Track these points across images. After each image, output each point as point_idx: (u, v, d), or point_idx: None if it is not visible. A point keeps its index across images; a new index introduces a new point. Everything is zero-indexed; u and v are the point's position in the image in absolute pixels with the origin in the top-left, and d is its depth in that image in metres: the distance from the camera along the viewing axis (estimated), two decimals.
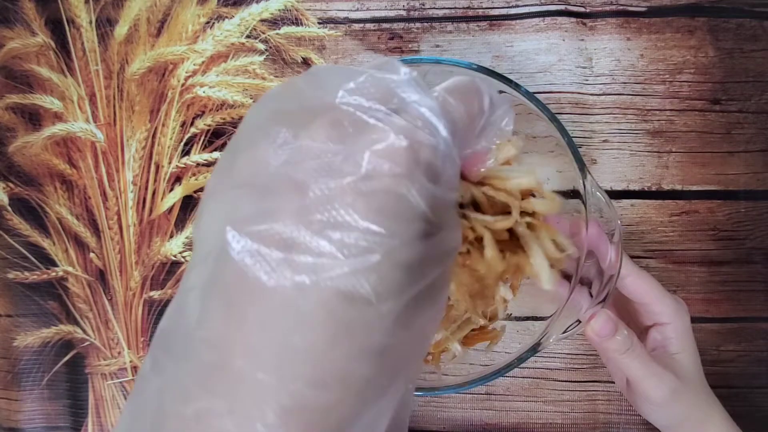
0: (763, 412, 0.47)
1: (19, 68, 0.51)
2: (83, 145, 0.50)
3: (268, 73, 0.50)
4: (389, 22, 0.49)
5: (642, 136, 0.48)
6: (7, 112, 0.51)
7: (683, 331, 0.39)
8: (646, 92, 0.48)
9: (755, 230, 0.48)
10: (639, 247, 0.48)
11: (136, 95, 0.50)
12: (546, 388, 0.48)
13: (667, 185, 0.48)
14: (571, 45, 0.48)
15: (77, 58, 0.50)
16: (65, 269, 0.50)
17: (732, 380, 0.47)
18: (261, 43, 0.50)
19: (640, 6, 0.49)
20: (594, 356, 0.48)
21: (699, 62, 0.48)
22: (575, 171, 0.36)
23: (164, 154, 0.50)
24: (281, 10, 0.50)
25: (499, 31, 0.49)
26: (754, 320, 0.48)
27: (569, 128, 0.41)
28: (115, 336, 0.50)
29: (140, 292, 0.50)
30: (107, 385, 0.50)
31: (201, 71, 0.50)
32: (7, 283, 0.50)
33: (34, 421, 0.50)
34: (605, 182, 0.48)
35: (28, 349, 0.50)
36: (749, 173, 0.48)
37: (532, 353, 0.37)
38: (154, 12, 0.50)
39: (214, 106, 0.50)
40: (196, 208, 0.50)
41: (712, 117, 0.48)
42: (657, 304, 0.39)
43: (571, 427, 0.48)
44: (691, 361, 0.39)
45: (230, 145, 0.21)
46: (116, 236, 0.50)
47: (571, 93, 0.48)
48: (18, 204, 0.50)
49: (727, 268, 0.48)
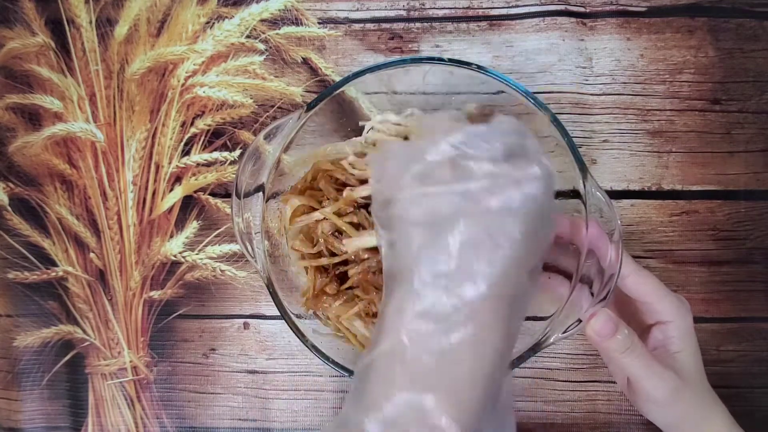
0: (763, 412, 0.48)
1: (19, 68, 0.51)
2: (83, 145, 0.50)
3: (268, 73, 0.50)
4: (389, 22, 0.49)
5: (642, 136, 0.48)
6: (7, 112, 0.51)
7: (685, 330, 0.39)
8: (646, 92, 0.48)
9: (755, 230, 0.48)
10: (639, 247, 0.48)
11: (136, 95, 0.50)
12: (546, 388, 0.48)
13: (667, 185, 0.48)
14: (571, 45, 0.48)
15: (77, 58, 0.51)
16: (65, 269, 0.50)
17: (732, 380, 0.47)
18: (261, 43, 0.50)
19: (640, 6, 0.49)
20: (594, 356, 0.48)
21: (699, 62, 0.48)
22: (575, 171, 0.36)
23: (164, 154, 0.50)
24: (281, 10, 0.50)
25: (499, 31, 0.49)
26: (754, 320, 0.48)
27: (569, 128, 0.41)
28: (115, 336, 0.50)
29: (140, 292, 0.50)
30: (107, 385, 0.50)
31: (201, 71, 0.50)
32: (7, 283, 0.50)
33: (34, 421, 0.50)
34: (605, 182, 0.48)
35: (28, 349, 0.50)
36: (749, 173, 0.48)
37: (532, 353, 0.37)
38: (154, 12, 0.50)
39: (214, 106, 0.50)
40: (196, 207, 0.50)
41: (712, 117, 0.48)
42: (659, 303, 0.39)
43: (571, 427, 0.48)
44: (692, 360, 0.39)
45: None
46: (116, 236, 0.50)
47: (571, 93, 0.48)
48: (18, 204, 0.50)
49: (727, 268, 0.48)
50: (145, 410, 0.49)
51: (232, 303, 0.50)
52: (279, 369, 0.49)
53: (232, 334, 0.49)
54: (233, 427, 0.49)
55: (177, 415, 0.49)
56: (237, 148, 0.50)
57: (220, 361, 0.50)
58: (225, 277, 0.50)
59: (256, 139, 0.38)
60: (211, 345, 0.50)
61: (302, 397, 0.49)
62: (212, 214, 0.50)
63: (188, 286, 0.50)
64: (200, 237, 0.50)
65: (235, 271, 0.50)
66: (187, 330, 0.50)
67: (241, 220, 0.39)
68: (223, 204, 0.50)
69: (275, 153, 0.39)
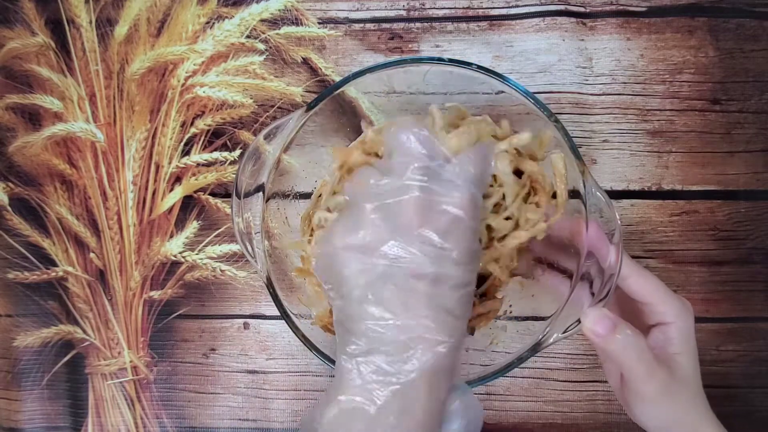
0: (763, 412, 0.48)
1: (19, 68, 0.51)
2: (83, 145, 0.50)
3: (268, 73, 0.50)
4: (389, 22, 0.49)
5: (642, 136, 0.48)
6: (7, 112, 0.51)
7: (686, 332, 0.39)
8: (646, 92, 0.48)
9: (755, 230, 0.48)
10: (639, 247, 0.48)
11: (136, 95, 0.50)
12: (546, 388, 0.48)
13: (667, 185, 0.48)
14: (571, 45, 0.48)
15: (77, 58, 0.51)
16: (65, 269, 0.50)
17: (732, 380, 0.47)
18: (261, 43, 0.50)
19: (640, 6, 0.49)
20: (594, 356, 0.48)
21: (699, 62, 0.48)
22: (575, 171, 0.36)
23: (164, 154, 0.50)
24: (281, 10, 0.50)
25: (499, 31, 0.49)
26: (754, 320, 0.48)
27: (569, 128, 0.41)
28: (115, 336, 0.50)
29: (140, 292, 0.50)
30: (107, 385, 0.50)
31: (201, 71, 0.50)
32: (7, 283, 0.50)
33: (34, 421, 0.50)
34: (605, 182, 0.48)
35: (28, 349, 0.50)
36: (749, 173, 0.48)
37: (532, 353, 0.37)
38: (154, 12, 0.50)
39: (214, 106, 0.50)
40: (196, 207, 0.50)
41: (712, 117, 0.48)
42: (661, 304, 0.39)
43: (571, 427, 0.48)
44: (689, 363, 0.39)
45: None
46: (116, 236, 0.50)
47: (571, 93, 0.48)
48: (18, 204, 0.50)
49: (727, 268, 0.48)
50: (145, 410, 0.49)
51: (232, 303, 0.50)
52: (279, 369, 0.49)
53: (232, 334, 0.49)
54: (233, 427, 0.49)
55: (177, 415, 0.49)
56: (237, 148, 0.50)
57: (220, 361, 0.50)
58: (225, 277, 0.50)
59: (256, 139, 0.38)
60: (211, 345, 0.50)
61: (302, 397, 0.49)
62: (212, 214, 0.50)
63: (188, 286, 0.50)
64: (200, 237, 0.50)
65: (235, 271, 0.50)
66: (187, 330, 0.50)
67: (241, 220, 0.39)
68: (223, 204, 0.50)
69: (275, 153, 0.39)
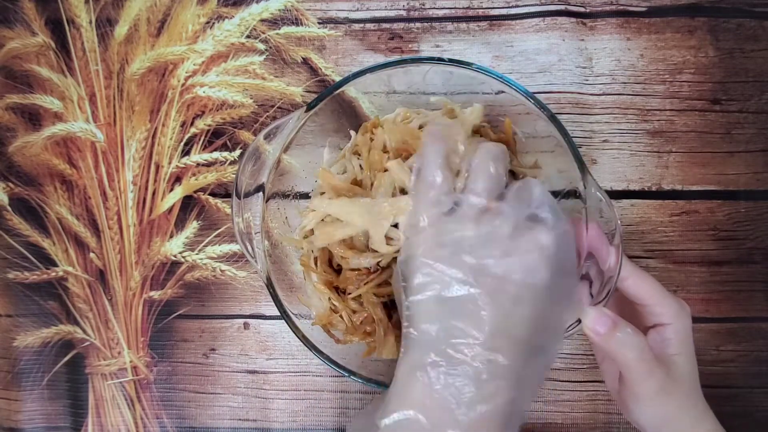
0: (763, 412, 0.47)
1: (19, 68, 0.51)
2: (83, 145, 0.50)
3: (268, 73, 0.50)
4: (389, 22, 0.49)
5: (642, 136, 0.48)
6: (7, 112, 0.51)
7: (684, 333, 0.38)
8: (646, 92, 0.48)
9: (755, 230, 0.48)
10: (639, 247, 0.48)
11: (136, 95, 0.50)
12: (546, 388, 0.48)
13: (667, 185, 0.48)
14: (571, 45, 0.48)
15: (77, 58, 0.51)
16: (65, 269, 0.50)
17: (732, 380, 0.47)
18: (261, 43, 0.50)
19: (640, 6, 0.49)
20: (594, 356, 0.48)
21: (699, 62, 0.48)
22: (575, 171, 0.36)
23: (164, 154, 0.50)
24: (281, 10, 0.50)
25: (499, 31, 0.49)
26: (754, 320, 0.48)
27: (569, 128, 0.41)
28: (115, 336, 0.50)
29: (140, 292, 0.50)
30: (107, 385, 0.50)
31: (201, 71, 0.50)
32: (7, 283, 0.50)
33: (34, 421, 0.50)
34: (605, 182, 0.48)
35: (28, 349, 0.50)
36: (749, 173, 0.48)
37: None
38: (154, 12, 0.50)
39: (214, 106, 0.50)
40: (196, 208, 0.50)
41: (712, 117, 0.48)
42: (659, 306, 0.39)
43: (571, 427, 0.48)
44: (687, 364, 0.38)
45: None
46: (116, 236, 0.50)
47: (571, 93, 0.48)
48: (18, 204, 0.50)
49: (727, 268, 0.48)
50: (145, 410, 0.49)
51: (232, 303, 0.50)
52: (279, 369, 0.49)
53: (232, 334, 0.49)
54: (233, 427, 0.49)
55: (177, 415, 0.49)
56: (237, 148, 0.50)
57: (220, 361, 0.50)
58: (225, 277, 0.50)
59: (256, 139, 0.38)
60: (211, 345, 0.50)
61: (302, 397, 0.49)
62: (212, 214, 0.50)
63: (188, 286, 0.50)
64: (200, 237, 0.50)
65: (235, 271, 0.50)
66: (187, 330, 0.50)
67: (241, 220, 0.39)
68: (223, 204, 0.50)
69: (275, 153, 0.39)
